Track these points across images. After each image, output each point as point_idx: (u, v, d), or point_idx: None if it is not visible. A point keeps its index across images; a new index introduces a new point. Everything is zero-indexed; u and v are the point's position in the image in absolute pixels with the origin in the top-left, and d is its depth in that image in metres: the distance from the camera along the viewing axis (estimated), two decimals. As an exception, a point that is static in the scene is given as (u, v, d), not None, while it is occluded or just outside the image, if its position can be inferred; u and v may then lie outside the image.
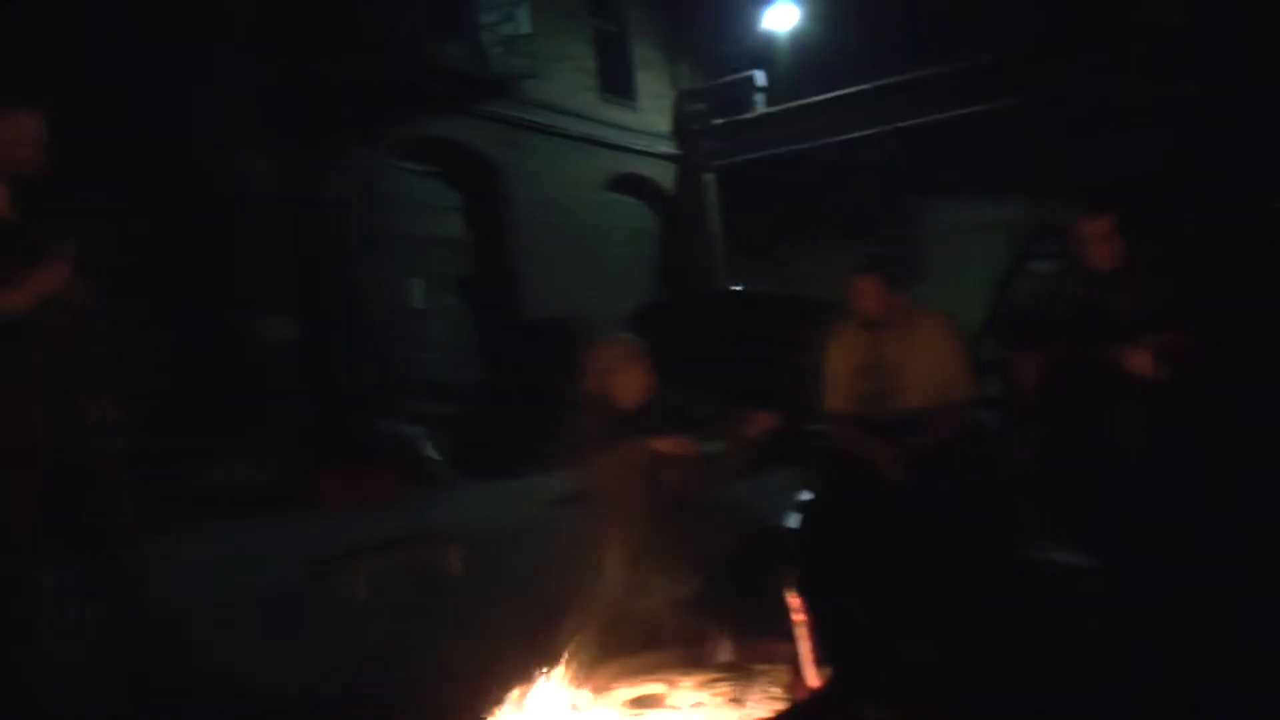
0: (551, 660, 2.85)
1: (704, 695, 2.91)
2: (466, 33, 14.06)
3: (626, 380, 4.28)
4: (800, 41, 19.17)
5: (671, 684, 2.99)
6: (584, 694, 2.84)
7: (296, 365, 11.47)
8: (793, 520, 4.66)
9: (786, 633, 2.82)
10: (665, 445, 4.09)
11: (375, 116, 12.62)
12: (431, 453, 10.96)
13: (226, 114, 11.02)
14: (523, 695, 2.74)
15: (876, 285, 4.65)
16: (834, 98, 17.58)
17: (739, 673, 2.99)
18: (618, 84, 18.15)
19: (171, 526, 6.00)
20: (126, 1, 9.98)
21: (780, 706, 2.72)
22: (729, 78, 19.37)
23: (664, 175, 19.05)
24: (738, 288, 15.08)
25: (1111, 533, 4.05)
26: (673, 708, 2.88)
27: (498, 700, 2.73)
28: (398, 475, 10.32)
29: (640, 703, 2.92)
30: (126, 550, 3.60)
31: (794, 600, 2.80)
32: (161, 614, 3.66)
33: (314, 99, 11.86)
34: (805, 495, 4.78)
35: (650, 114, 18.89)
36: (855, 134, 16.98)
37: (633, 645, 3.13)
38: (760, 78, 19.32)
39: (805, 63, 18.69)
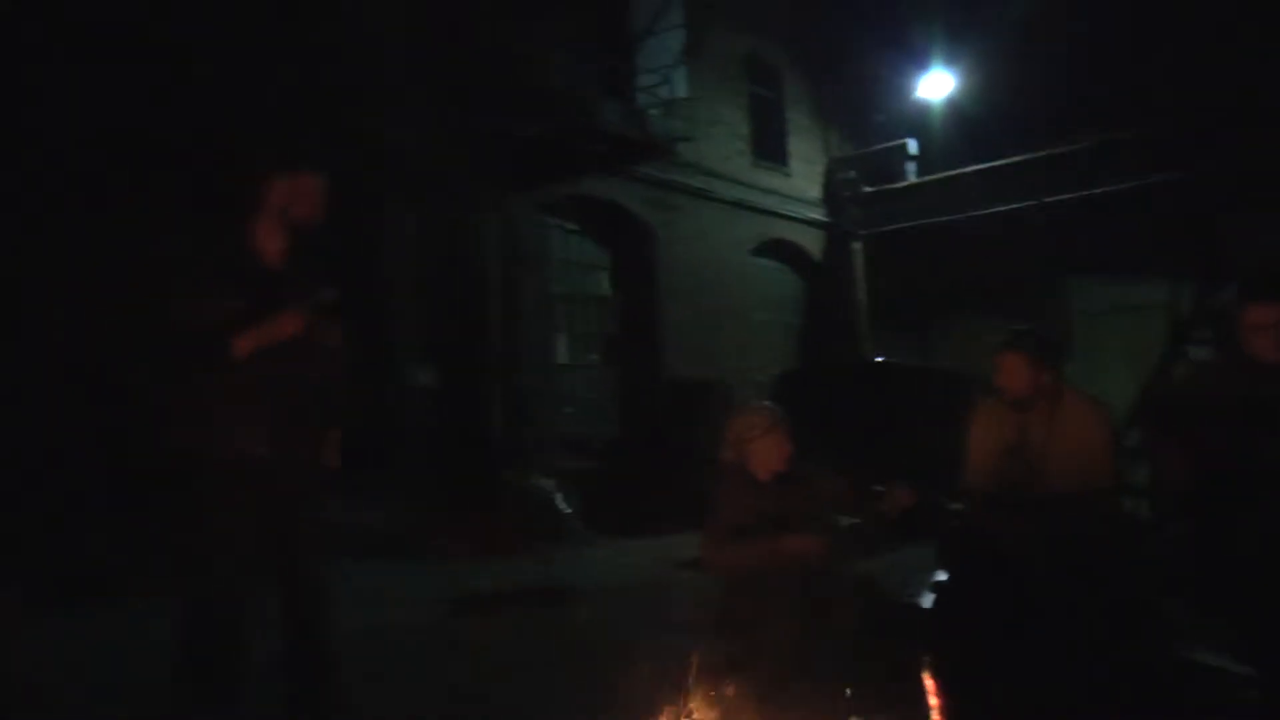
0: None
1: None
2: (625, 95, 14.29)
3: (765, 449, 4.25)
4: (954, 110, 19.01)
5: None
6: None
7: (439, 413, 11.70)
8: (927, 600, 4.55)
9: (919, 715, 2.76)
10: (796, 546, 4.03)
11: (532, 174, 12.88)
12: (564, 506, 11.04)
13: (388, 166, 11.38)
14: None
15: (1024, 362, 4.52)
16: (985, 169, 17.35)
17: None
18: (770, 149, 18.22)
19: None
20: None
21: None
22: (881, 145, 19.30)
23: (812, 242, 19.00)
24: (881, 359, 14.91)
25: (1270, 639, 3.83)
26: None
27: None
28: (530, 527, 10.51)
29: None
30: (316, 585, 3.76)
31: (929, 682, 2.74)
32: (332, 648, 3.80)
33: (472, 154, 12.18)
34: (941, 575, 4.67)
35: (801, 180, 18.91)
36: (1005, 207, 16.70)
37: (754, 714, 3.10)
38: (913, 146, 19.19)
39: (958, 132, 18.53)
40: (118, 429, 7.86)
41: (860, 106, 19.60)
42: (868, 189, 19.12)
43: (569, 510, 11.08)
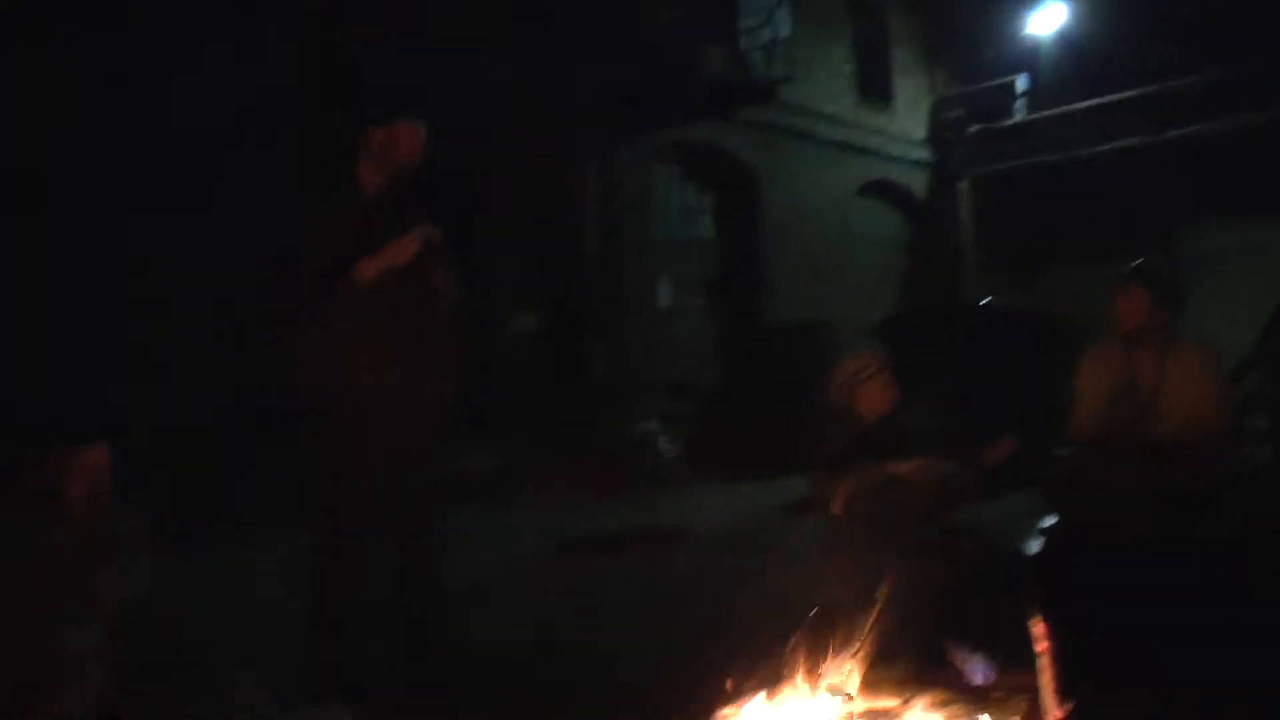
0: (776, 666, 2.87)
1: (938, 716, 2.89)
2: (727, 37, 14.15)
3: (870, 394, 4.27)
4: (1066, 44, 18.45)
5: (906, 702, 2.98)
6: (814, 702, 2.85)
7: (541, 358, 11.83)
8: (1034, 546, 4.51)
9: (1025, 660, 2.76)
10: (905, 469, 4.05)
11: (634, 120, 12.86)
12: (667, 450, 11.11)
13: (492, 113, 11.46)
14: (748, 698, 2.77)
15: (1142, 296, 4.42)
16: (1099, 105, 16.82)
17: (975, 697, 2.94)
18: (875, 88, 17.90)
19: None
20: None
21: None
22: (989, 83, 18.80)
23: (917, 182, 18.69)
24: (987, 301, 14.67)
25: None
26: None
27: (724, 701, 2.77)
28: (634, 470, 10.60)
29: (872, 716, 2.92)
30: (431, 527, 3.90)
31: (1037, 628, 2.74)
32: (445, 591, 3.94)
33: (574, 101, 12.21)
34: (1047, 521, 4.63)
35: (906, 119, 18.57)
36: (1119, 144, 16.21)
37: (867, 658, 3.12)
38: (1022, 83, 18.67)
39: (1071, 67, 17.99)
40: (247, 366, 8.15)
41: (968, 42, 19.11)
42: (974, 127, 18.70)
43: (672, 453, 11.15)
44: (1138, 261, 4.55)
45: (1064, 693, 2.64)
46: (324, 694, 3.52)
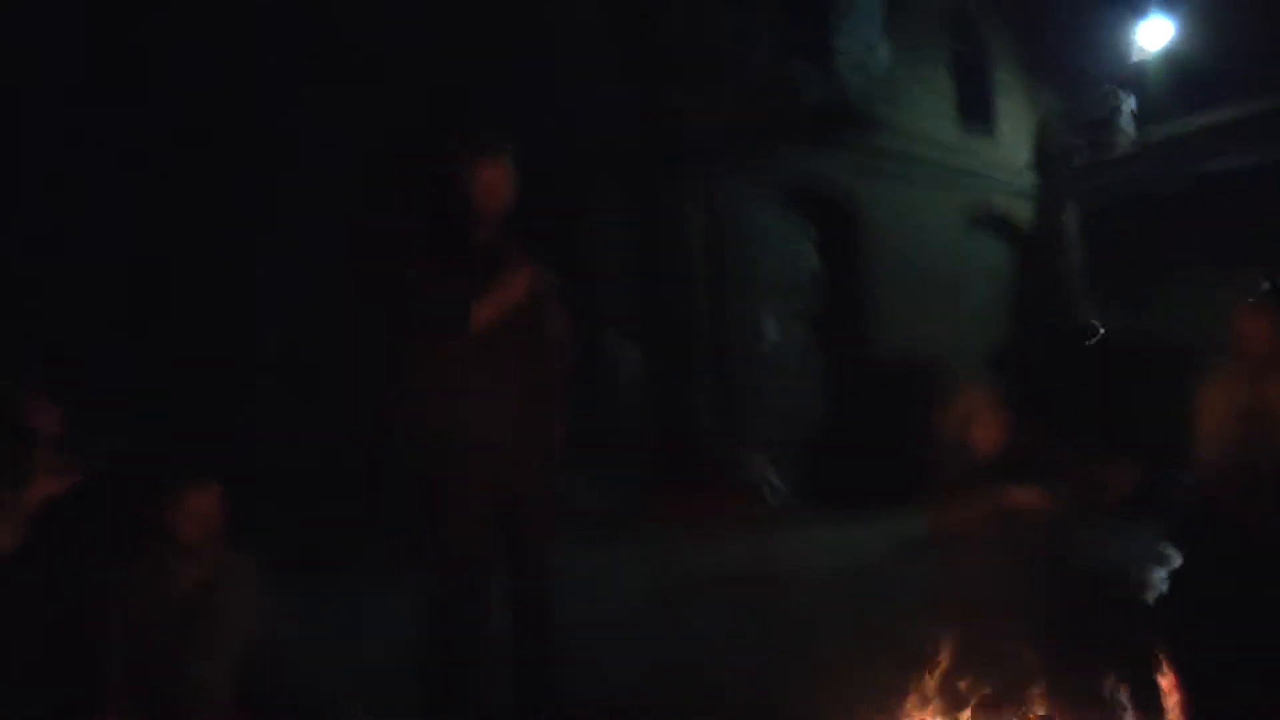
0: (893, 705, 2.82)
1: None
2: (825, 60, 14.10)
3: (985, 427, 4.19)
4: (1173, 60, 17.99)
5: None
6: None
7: (647, 394, 11.84)
8: (1159, 586, 4.37)
9: (1153, 712, 2.66)
10: (1023, 497, 3.96)
11: (734, 149, 12.87)
12: (777, 484, 11.03)
13: (593, 146, 11.56)
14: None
15: (1266, 321, 4.26)
16: (1210, 126, 16.37)
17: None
18: (977, 111, 17.65)
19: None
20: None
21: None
22: (1096, 101, 18.37)
23: (1024, 208, 18.35)
24: (1100, 327, 14.31)
25: None
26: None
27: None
28: (745, 507, 10.54)
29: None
30: (545, 567, 3.92)
31: (1166, 679, 2.64)
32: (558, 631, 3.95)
33: (673, 132, 12.26)
34: (1173, 559, 4.47)
35: (1010, 142, 18.26)
36: (1233, 164, 15.74)
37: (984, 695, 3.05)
38: (1131, 103, 18.25)
39: (1178, 83, 17.54)
40: (355, 411, 8.30)
41: (1072, 61, 18.73)
42: (1081, 149, 18.31)
43: (783, 490, 11.07)
44: (1265, 282, 4.39)
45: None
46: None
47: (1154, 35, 17.99)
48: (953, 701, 2.91)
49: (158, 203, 8.43)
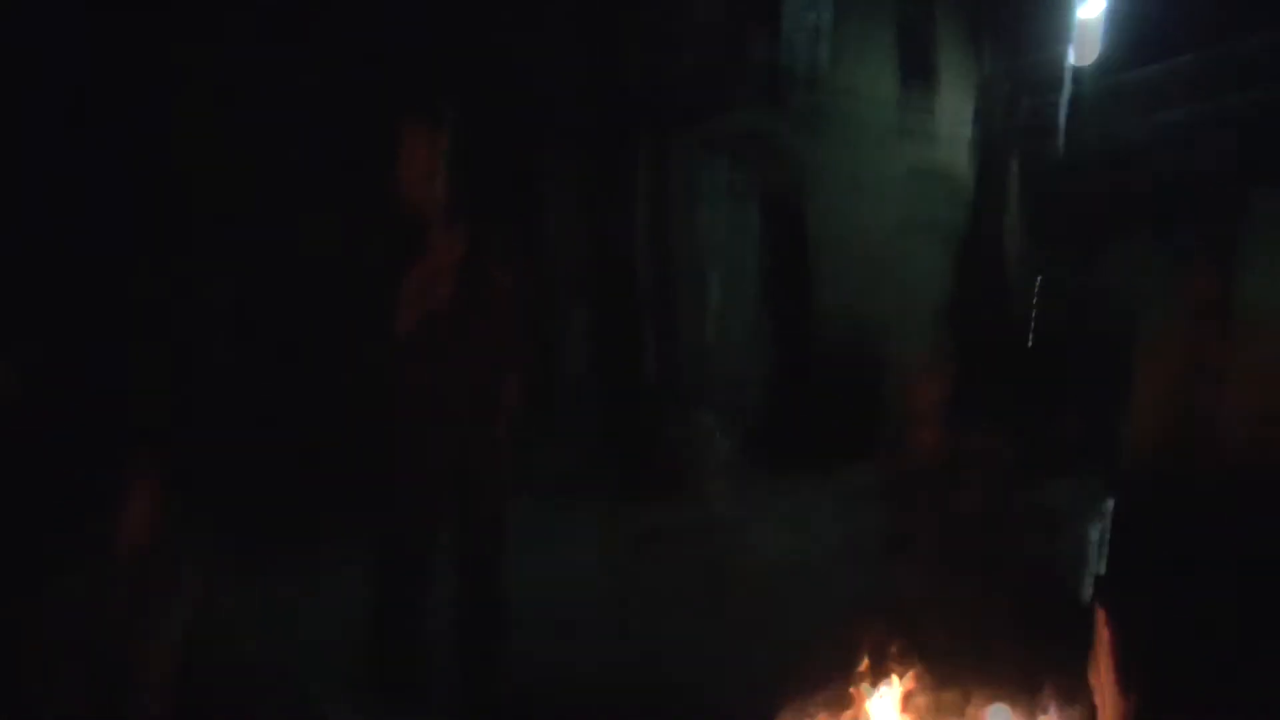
0: (847, 665, 2.85)
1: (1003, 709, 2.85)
2: (771, 22, 14.08)
3: (929, 381, 4.23)
4: (1117, 16, 18.11)
5: (965, 697, 2.95)
6: (884, 699, 2.83)
7: (594, 353, 11.83)
8: (1102, 528, 4.45)
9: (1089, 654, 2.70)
10: (970, 444, 4.01)
11: (680, 109, 12.82)
12: (724, 443, 11.08)
13: (539, 105, 11.46)
14: (821, 701, 2.76)
15: (1208, 273, 4.31)
16: (1150, 75, 16.51)
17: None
18: (920, 69, 17.71)
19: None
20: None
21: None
22: (1037, 57, 18.47)
23: (967, 165, 18.45)
24: (1040, 283, 14.48)
25: None
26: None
27: (796, 702, 2.76)
28: (691, 465, 10.59)
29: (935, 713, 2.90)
30: (498, 531, 3.89)
31: (1100, 614, 2.68)
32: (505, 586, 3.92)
33: (621, 89, 12.19)
34: (1115, 511, 4.54)
35: (954, 100, 18.33)
36: (1176, 113, 15.90)
37: (933, 655, 3.10)
38: (1071, 55, 18.36)
39: (1120, 37, 17.66)
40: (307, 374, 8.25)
41: (1015, 17, 18.82)
42: (1024, 105, 18.43)
43: (728, 448, 11.12)
44: (1204, 235, 4.44)
45: (1125, 689, 2.56)
46: (396, 702, 3.55)
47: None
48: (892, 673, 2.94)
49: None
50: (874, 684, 2.85)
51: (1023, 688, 2.95)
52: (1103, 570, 3.89)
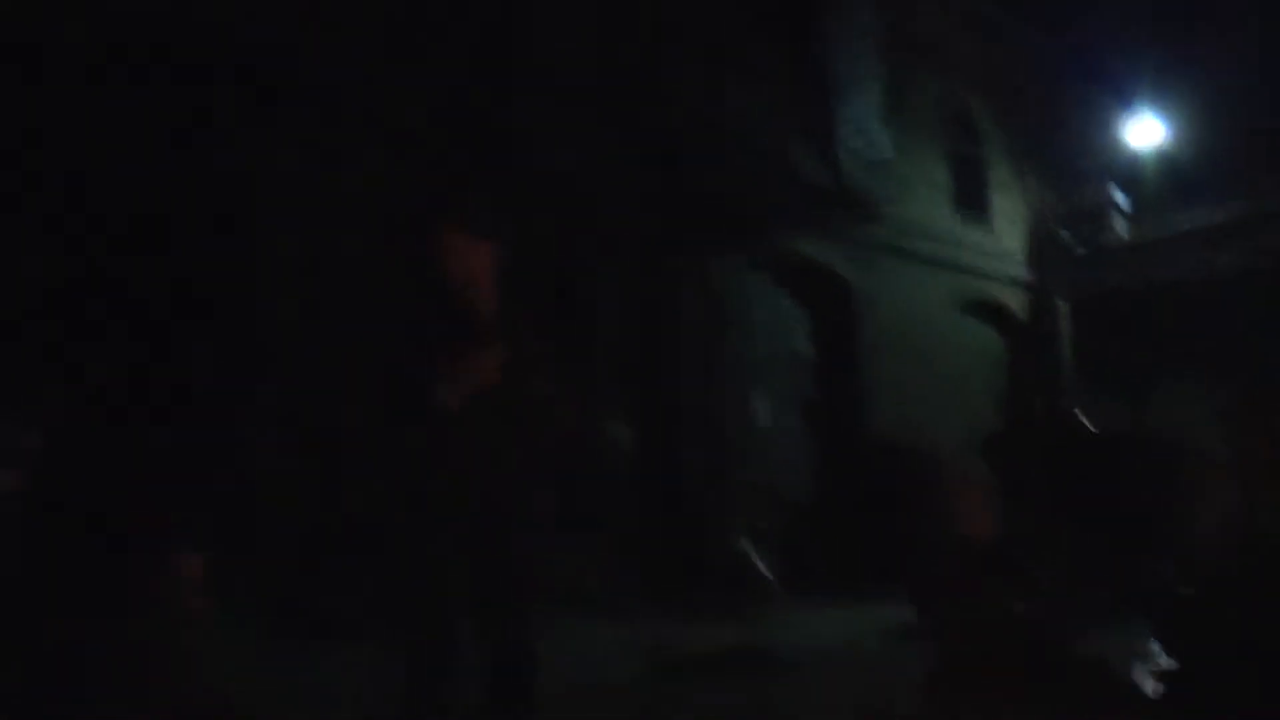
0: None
1: None
2: (826, 147, 14.26)
3: (975, 513, 4.18)
4: (1165, 160, 18.28)
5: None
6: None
7: (635, 471, 11.79)
8: (1151, 687, 4.31)
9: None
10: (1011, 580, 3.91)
11: (733, 231, 12.96)
12: (764, 570, 10.97)
13: (587, 224, 11.64)
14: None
15: (1265, 421, 4.26)
16: (1205, 227, 16.56)
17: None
18: (973, 204, 17.85)
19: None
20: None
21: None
22: (1088, 199, 18.60)
23: (1017, 300, 18.48)
24: (1088, 423, 14.32)
25: None
26: None
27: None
28: (729, 588, 10.47)
29: None
30: (524, 623, 3.86)
31: None
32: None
33: (671, 210, 12.35)
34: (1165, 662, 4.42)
35: (1005, 236, 18.44)
36: (1229, 263, 15.90)
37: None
38: (1121, 198, 18.49)
39: (1170, 182, 17.80)
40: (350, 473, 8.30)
41: (1066, 158, 19.02)
42: (1075, 246, 18.51)
43: (769, 574, 11.00)
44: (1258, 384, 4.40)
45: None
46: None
47: (1145, 134, 18.31)
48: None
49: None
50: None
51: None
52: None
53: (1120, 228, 18.42)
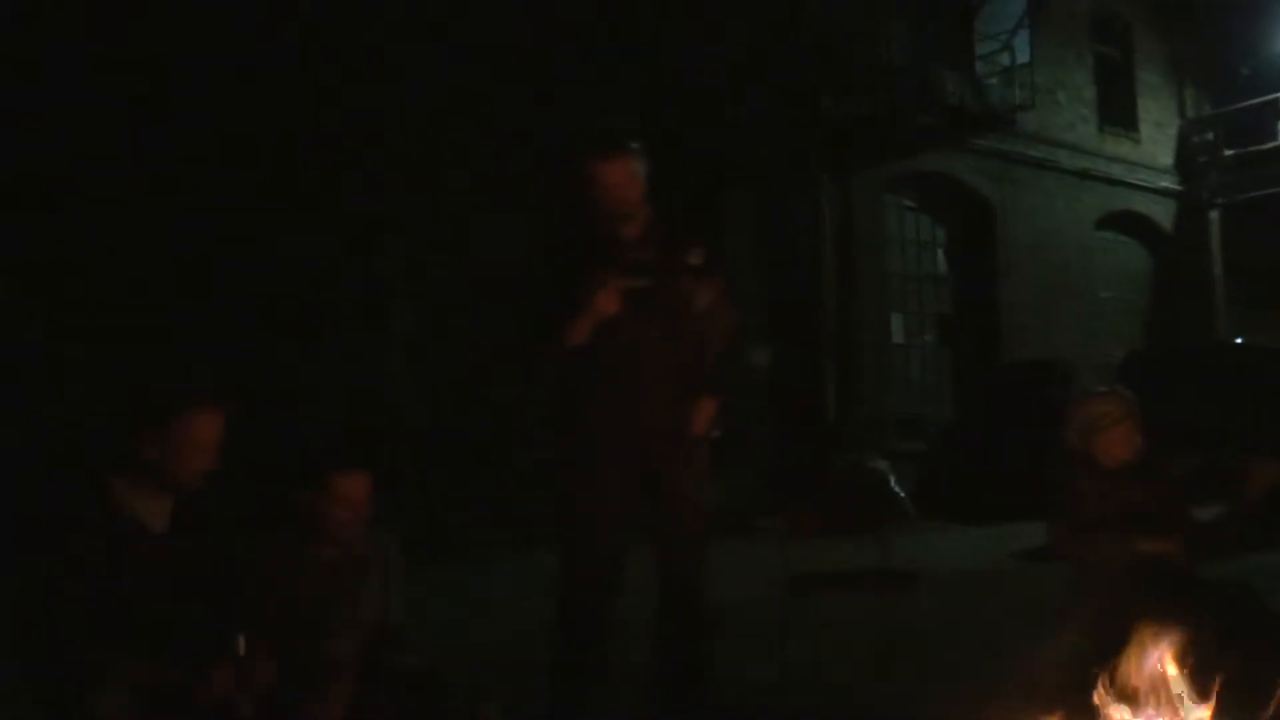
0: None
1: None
2: (963, 64, 13.90)
3: (1113, 437, 4.05)
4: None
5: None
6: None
7: (773, 392, 11.81)
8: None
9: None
10: (1150, 548, 3.83)
11: (869, 150, 12.78)
12: (898, 489, 10.93)
13: (726, 149, 11.59)
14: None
15: None
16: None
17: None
18: (1118, 114, 17.19)
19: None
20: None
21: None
22: (1245, 103, 17.62)
23: (1164, 213, 17.79)
24: (1241, 340, 13.78)
25: None
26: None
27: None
28: (863, 508, 10.45)
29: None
30: (694, 547, 3.91)
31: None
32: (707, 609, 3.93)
33: (809, 133, 12.23)
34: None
35: (1152, 145, 17.72)
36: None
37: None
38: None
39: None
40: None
41: (1220, 61, 18.05)
42: (1228, 152, 17.66)
43: (903, 493, 10.96)
44: None
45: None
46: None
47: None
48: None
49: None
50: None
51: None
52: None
53: (1277, 132, 17.47)
